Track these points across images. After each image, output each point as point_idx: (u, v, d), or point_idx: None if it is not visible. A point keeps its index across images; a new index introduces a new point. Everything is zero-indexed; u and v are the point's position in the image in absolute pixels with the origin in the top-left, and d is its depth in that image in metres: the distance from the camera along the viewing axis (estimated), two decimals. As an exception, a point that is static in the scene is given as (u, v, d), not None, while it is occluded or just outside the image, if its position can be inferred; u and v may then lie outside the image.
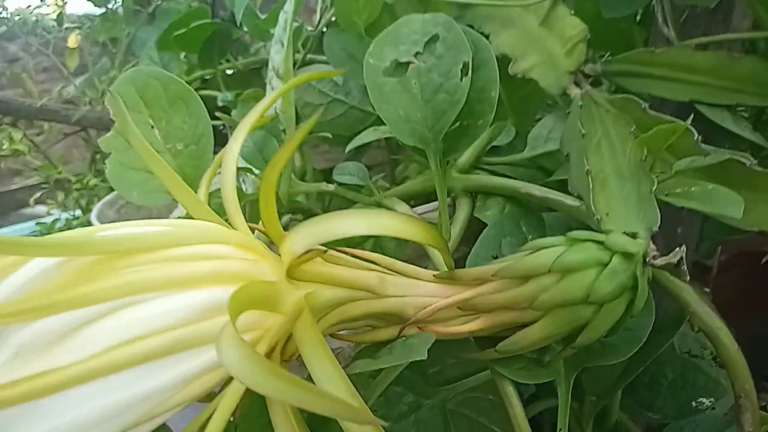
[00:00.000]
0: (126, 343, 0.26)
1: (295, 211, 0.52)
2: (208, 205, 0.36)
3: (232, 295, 0.24)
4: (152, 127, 0.45)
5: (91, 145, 0.91)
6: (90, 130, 0.90)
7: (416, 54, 0.43)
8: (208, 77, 0.82)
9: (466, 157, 0.50)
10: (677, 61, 0.52)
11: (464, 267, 0.41)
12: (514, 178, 0.48)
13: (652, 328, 0.41)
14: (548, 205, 0.44)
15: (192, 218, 0.36)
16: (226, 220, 0.36)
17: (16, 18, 1.03)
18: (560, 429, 0.38)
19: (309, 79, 0.54)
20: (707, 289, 0.46)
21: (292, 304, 0.32)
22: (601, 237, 0.34)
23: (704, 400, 0.56)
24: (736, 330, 0.40)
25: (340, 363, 0.38)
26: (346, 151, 0.54)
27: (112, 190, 0.94)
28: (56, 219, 1.09)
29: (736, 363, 0.39)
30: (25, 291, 0.27)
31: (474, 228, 0.47)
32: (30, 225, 2.73)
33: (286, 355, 0.33)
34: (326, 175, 0.61)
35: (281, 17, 0.51)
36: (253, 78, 0.81)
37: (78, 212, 1.72)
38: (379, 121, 0.63)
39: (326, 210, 0.58)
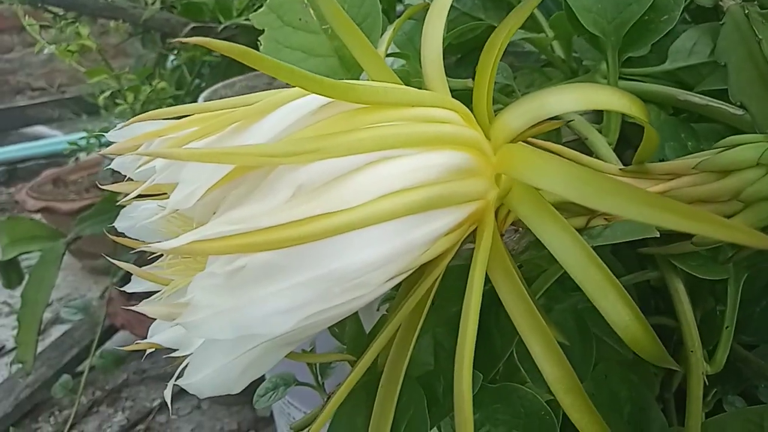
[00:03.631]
0: (392, 194, 0.25)
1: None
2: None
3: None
4: (306, 5, 0.43)
5: (157, 47, 0.88)
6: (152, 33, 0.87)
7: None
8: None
9: (604, 65, 0.49)
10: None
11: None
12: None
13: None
14: (707, 113, 0.44)
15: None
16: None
17: None
18: (727, 327, 0.39)
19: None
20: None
21: (506, 179, 0.32)
22: (806, 135, 0.34)
23: (798, 326, 0.57)
24: None
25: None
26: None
27: (177, 96, 0.91)
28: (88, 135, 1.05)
29: None
30: (283, 135, 0.26)
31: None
32: (33, 144, 2.67)
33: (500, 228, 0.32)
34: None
35: None
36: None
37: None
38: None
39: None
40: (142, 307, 0.25)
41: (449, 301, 0.38)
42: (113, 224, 0.34)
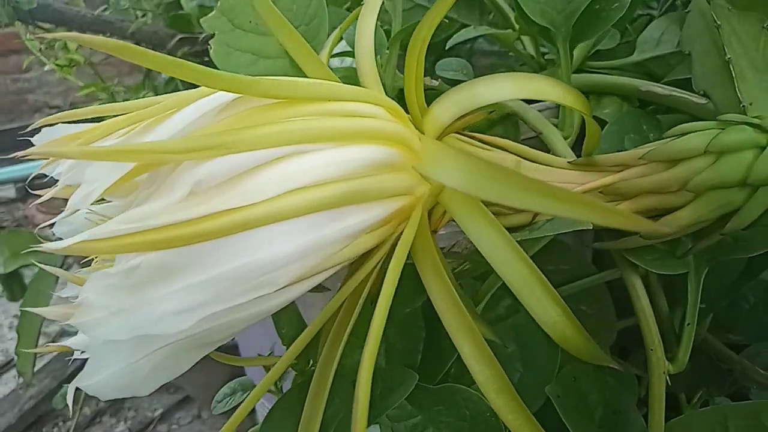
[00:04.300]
0: (300, 190, 0.25)
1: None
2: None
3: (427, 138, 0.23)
4: (254, 9, 0.43)
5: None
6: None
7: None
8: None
9: (573, 59, 0.48)
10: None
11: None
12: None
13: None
14: (670, 104, 0.42)
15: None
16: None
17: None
18: (688, 323, 0.37)
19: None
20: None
21: (439, 175, 0.31)
22: (755, 120, 0.33)
23: (789, 323, 0.55)
24: None
25: (460, 252, 0.37)
26: (447, 47, 0.52)
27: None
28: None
29: None
30: (186, 132, 0.25)
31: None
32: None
33: (432, 226, 0.31)
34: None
35: None
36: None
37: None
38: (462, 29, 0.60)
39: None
40: (40, 309, 0.25)
41: (401, 301, 0.37)
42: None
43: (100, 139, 0.27)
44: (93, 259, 0.31)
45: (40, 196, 0.29)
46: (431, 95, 0.36)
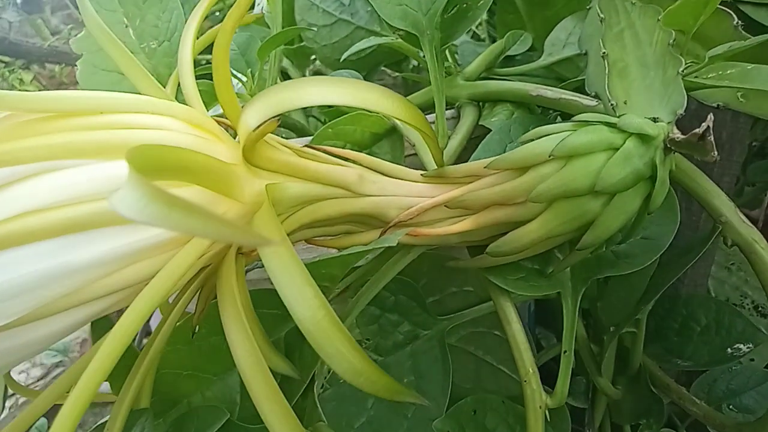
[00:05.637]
0: (44, 210, 0.22)
1: (289, 128, 0.48)
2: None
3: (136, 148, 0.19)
4: (126, 26, 0.41)
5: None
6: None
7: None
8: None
9: (475, 65, 0.45)
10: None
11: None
12: (526, 85, 0.42)
13: (681, 246, 0.36)
14: (561, 108, 0.39)
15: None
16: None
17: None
18: (565, 351, 0.33)
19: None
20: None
21: (252, 194, 0.28)
22: (613, 119, 0.29)
23: (741, 346, 0.50)
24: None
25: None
26: (341, 59, 0.49)
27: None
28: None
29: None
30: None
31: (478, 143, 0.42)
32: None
33: (244, 249, 0.29)
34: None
35: None
36: None
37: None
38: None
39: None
40: None
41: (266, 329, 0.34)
42: None
43: None
44: None
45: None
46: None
